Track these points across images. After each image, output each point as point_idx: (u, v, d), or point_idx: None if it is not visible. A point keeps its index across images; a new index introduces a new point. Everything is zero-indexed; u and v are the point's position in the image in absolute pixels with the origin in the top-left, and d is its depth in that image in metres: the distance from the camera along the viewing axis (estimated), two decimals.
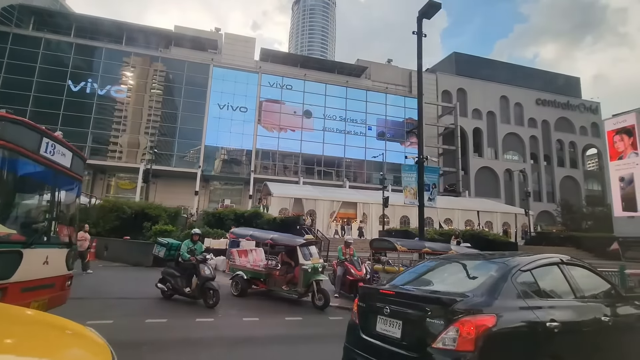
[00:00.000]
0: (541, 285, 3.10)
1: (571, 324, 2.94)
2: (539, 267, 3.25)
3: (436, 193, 11.06)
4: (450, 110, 48.14)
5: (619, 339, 3.29)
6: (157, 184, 37.60)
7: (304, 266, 6.27)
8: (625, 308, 3.54)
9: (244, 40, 43.51)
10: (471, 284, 3.04)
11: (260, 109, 37.77)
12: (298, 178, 36.49)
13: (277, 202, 21.14)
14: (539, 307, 2.83)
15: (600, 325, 3.09)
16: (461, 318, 2.50)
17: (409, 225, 23.80)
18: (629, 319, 3.49)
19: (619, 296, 3.60)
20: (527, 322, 2.68)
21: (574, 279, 3.33)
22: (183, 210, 18.13)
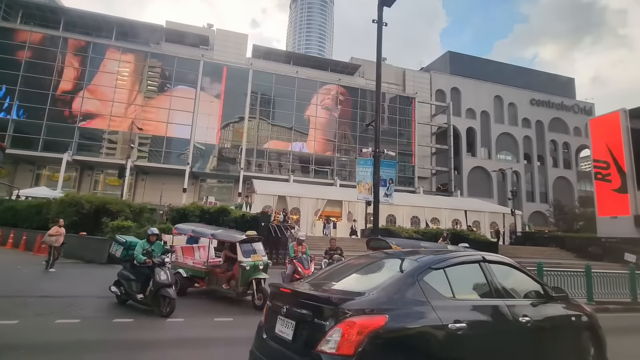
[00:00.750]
0: (453, 284, 2.88)
1: (481, 325, 2.74)
2: (455, 265, 3.05)
3: (393, 189, 10.82)
4: (443, 110, 47.96)
5: (539, 341, 3.08)
6: (146, 180, 37.32)
7: (243, 263, 5.99)
8: (552, 309, 3.33)
9: (236, 37, 43.15)
10: (376, 282, 2.80)
11: (251, 105, 37.43)
12: (288, 176, 36.21)
13: (261, 200, 20.87)
14: (444, 307, 2.61)
15: (517, 327, 2.90)
16: (347, 319, 2.28)
17: (395, 224, 23.58)
18: (553, 320, 3.27)
19: (547, 296, 3.38)
20: (426, 324, 2.46)
21: (496, 278, 3.12)
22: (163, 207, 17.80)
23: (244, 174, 35.22)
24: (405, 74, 49.64)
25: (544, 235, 22.57)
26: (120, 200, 11.92)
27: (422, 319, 2.47)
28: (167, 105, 35.15)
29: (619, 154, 18.16)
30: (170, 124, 35.25)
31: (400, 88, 48.06)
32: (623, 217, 17.65)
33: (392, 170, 11.32)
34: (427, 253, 3.31)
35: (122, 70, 34.24)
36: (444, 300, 2.69)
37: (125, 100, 34.17)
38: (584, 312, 3.72)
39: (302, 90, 39.55)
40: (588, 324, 3.61)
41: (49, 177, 33.30)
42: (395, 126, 42.64)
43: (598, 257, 16.87)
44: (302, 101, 39.46)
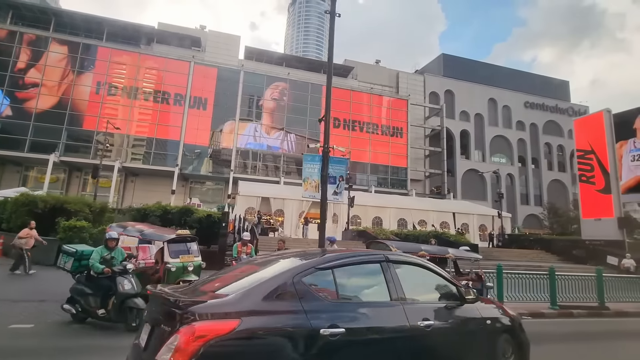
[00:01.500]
0: (341, 286, 2.68)
1: (366, 331, 2.55)
2: (348, 266, 2.83)
3: (343, 187, 10.52)
4: (437, 112, 47.81)
5: (441, 346, 2.87)
6: (136, 182, 37.03)
7: (169, 264, 5.66)
8: (463, 312, 3.16)
9: (228, 38, 43.05)
10: (249, 283, 2.55)
11: (241, 107, 37.21)
12: (279, 178, 35.95)
13: (244, 201, 20.61)
14: (322, 310, 2.42)
15: (414, 332, 2.73)
16: (188, 324, 2.05)
17: (382, 226, 23.32)
18: (463, 324, 3.11)
19: (462, 299, 3.21)
20: (291, 329, 2.25)
21: (398, 280, 2.90)
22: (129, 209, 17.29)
23: (235, 176, 34.92)
24: (398, 77, 49.55)
25: (530, 238, 22.29)
26: (80, 199, 11.57)
27: (286, 324, 2.26)
28: (156, 106, 34.93)
29: (602, 155, 17.93)
30: (160, 125, 35.02)
31: (393, 90, 47.95)
32: (607, 219, 17.39)
33: (342, 168, 10.96)
34: (321, 252, 3.08)
35: (111, 71, 34.02)
36: (324, 303, 2.50)
37: (114, 102, 33.95)
38: (506, 315, 3.55)
39: (293, 92, 39.38)
40: (507, 328, 3.47)
41: (37, 179, 33.00)
42: (388, 128, 42.39)
43: (582, 260, 16.60)
44: (294, 103, 39.28)
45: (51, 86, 32.31)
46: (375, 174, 41.22)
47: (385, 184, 40.96)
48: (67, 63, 32.95)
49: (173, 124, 35.02)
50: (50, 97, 32.21)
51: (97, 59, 33.92)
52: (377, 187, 39.04)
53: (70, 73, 32.90)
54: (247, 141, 36.83)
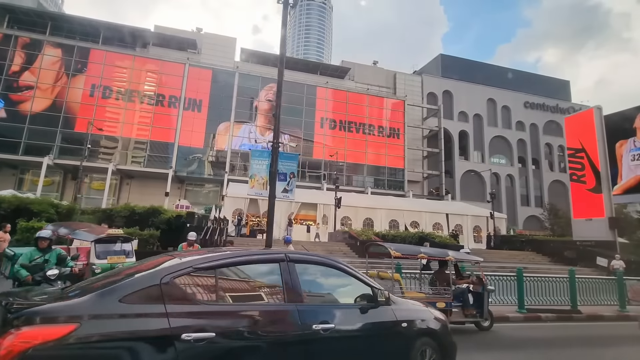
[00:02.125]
0: (223, 287, 2.54)
1: (241, 335, 2.40)
2: (236, 265, 2.68)
3: (294, 184, 10.23)
4: (434, 113, 47.41)
5: (341, 351, 2.74)
6: (131, 184, 37.06)
7: (93, 266, 5.42)
8: (374, 314, 3.03)
9: (224, 40, 43.11)
10: (111, 285, 2.38)
11: (236, 109, 37.15)
12: None
13: (231, 203, 20.42)
14: (190, 313, 2.26)
15: (307, 337, 2.58)
16: (16, 329, 1.88)
17: (373, 227, 23.01)
18: (372, 327, 2.99)
19: (375, 300, 3.08)
20: (143, 333, 2.09)
21: (296, 280, 2.74)
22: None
23: (230, 177, 34.80)
24: (396, 77, 49.26)
25: (521, 239, 21.87)
26: (45, 200, 11.37)
27: (139, 328, 2.10)
28: (151, 109, 34.96)
29: (593, 153, 17.51)
30: (155, 128, 35.02)
31: (390, 91, 47.66)
32: (597, 220, 16.95)
33: (293, 164, 10.61)
34: (215, 251, 2.86)
35: (106, 74, 34.13)
36: (197, 305, 2.34)
37: (108, 104, 34.02)
38: (430, 317, 3.49)
39: (289, 93, 39.21)
40: (428, 331, 3.37)
41: (32, 182, 33.10)
42: (385, 129, 42.08)
43: (573, 261, 16.17)
44: (289, 104, 39.10)
45: (45, 89, 32.47)
46: (371, 176, 40.91)
47: (382, 186, 40.62)
48: (62, 66, 33.10)
49: (168, 126, 35.02)
50: (45, 99, 32.36)
51: (92, 61, 34.05)
52: (373, 189, 38.71)
53: (64, 76, 33.04)
54: (242, 142, 36.71)
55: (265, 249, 3.66)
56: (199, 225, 11.87)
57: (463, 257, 7.34)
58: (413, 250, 7.20)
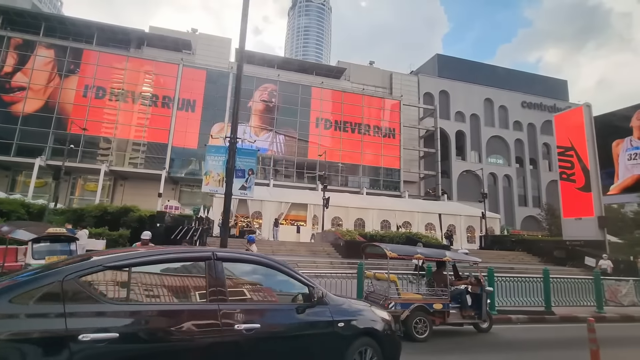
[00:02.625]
0: (137, 286, 2.50)
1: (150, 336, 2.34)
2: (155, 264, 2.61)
3: (253, 181, 10.00)
4: (431, 113, 47.18)
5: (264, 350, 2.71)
6: (125, 185, 36.94)
7: (30, 266, 5.20)
8: (308, 313, 2.98)
9: (219, 41, 43.04)
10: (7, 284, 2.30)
11: (230, 109, 36.96)
12: (269, 180, 35.57)
13: (221, 203, 20.18)
14: (92, 314, 2.21)
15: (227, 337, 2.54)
16: None
17: (364, 228, 22.79)
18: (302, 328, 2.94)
19: (310, 300, 3.07)
20: (33, 334, 2.03)
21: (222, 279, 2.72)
22: None
23: None
24: (392, 77, 49.08)
25: (512, 239, 21.60)
26: (15, 200, 11.22)
27: (29, 329, 2.05)
28: (144, 109, 34.86)
29: (582, 151, 17.26)
30: (149, 128, 34.91)
31: (387, 91, 47.47)
32: (587, 219, 16.67)
33: (251, 160, 10.35)
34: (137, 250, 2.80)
35: (99, 75, 34.06)
36: (103, 305, 2.28)
37: (102, 105, 33.93)
38: (372, 316, 3.48)
39: (283, 94, 39.11)
40: (368, 331, 3.35)
41: (25, 183, 33.00)
42: (381, 129, 41.86)
43: (562, 261, 15.90)
44: (284, 105, 38.99)
45: (38, 90, 32.42)
46: (367, 176, 40.68)
47: (378, 186, 40.41)
48: (54, 67, 33.05)
49: (162, 127, 34.89)
50: (37, 100, 32.29)
51: (85, 62, 33.99)
52: (369, 189, 38.50)
53: (57, 77, 32.98)
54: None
55: (190, 248, 3.61)
56: (175, 225, 11.66)
57: (461, 258, 7.24)
58: (409, 251, 7.09)
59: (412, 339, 5.72)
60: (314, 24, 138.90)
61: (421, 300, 6.22)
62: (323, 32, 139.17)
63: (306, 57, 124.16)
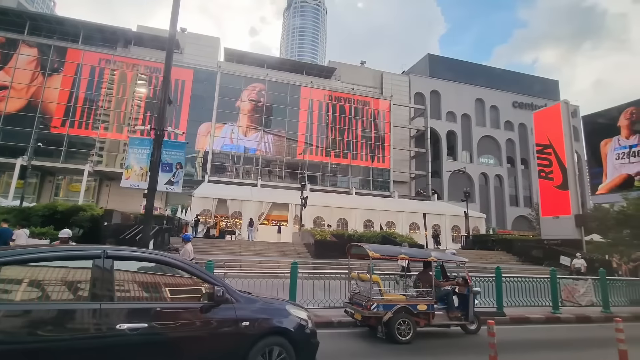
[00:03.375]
0: (5, 286, 2.45)
1: (11, 335, 2.30)
2: (36, 261, 2.56)
3: (181, 175, 9.68)
4: (421, 113, 47.03)
5: (149, 351, 2.67)
6: (112, 186, 36.50)
7: None
8: (208, 313, 2.99)
9: (208, 40, 42.76)
10: None
11: (217, 109, 36.69)
12: (256, 181, 35.25)
13: (199, 203, 19.91)
14: None
15: (108, 338, 2.51)
16: None
17: (347, 228, 22.51)
18: (199, 327, 2.94)
19: (210, 299, 3.05)
20: None
21: (110, 278, 2.66)
22: None
23: (211, 178, 34.30)
24: (383, 77, 48.96)
25: (492, 238, 21.41)
26: None
27: None
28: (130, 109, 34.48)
29: (560, 149, 17.09)
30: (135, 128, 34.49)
31: (377, 91, 47.31)
32: (565, 217, 16.49)
33: (180, 153, 9.97)
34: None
35: (84, 74, 33.68)
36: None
37: (87, 104, 33.53)
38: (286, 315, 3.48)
39: (273, 93, 38.84)
40: (278, 330, 3.34)
41: (8, 184, 32.54)
42: (366, 129, 41.63)
43: (539, 260, 15.70)
44: (273, 104, 38.73)
45: (20, 89, 32.00)
46: (357, 176, 40.44)
47: (367, 186, 40.19)
48: (38, 65, 32.65)
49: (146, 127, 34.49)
50: (20, 100, 31.87)
51: (69, 61, 33.60)
52: (358, 190, 38.27)
53: (40, 75, 32.59)
54: (224, 143, 36.22)
55: (76, 247, 3.57)
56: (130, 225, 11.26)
57: (447, 258, 7.10)
58: (393, 251, 6.91)
59: (395, 341, 5.62)
60: (309, 25, 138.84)
61: (405, 301, 6.10)
62: (318, 32, 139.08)
63: (301, 57, 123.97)
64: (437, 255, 6.75)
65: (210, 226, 20.00)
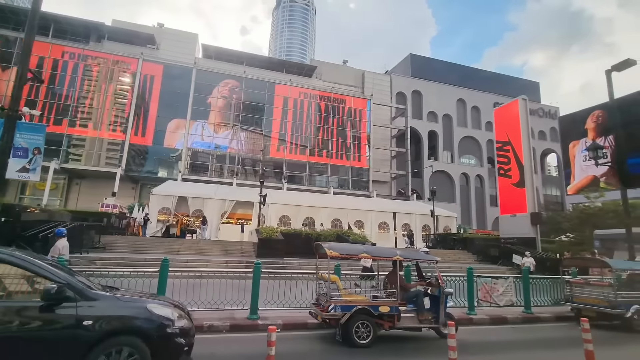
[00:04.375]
0: None
1: None
2: None
3: (40, 162, 9.12)
4: (402, 112, 46.96)
5: None
6: (82, 185, 35.49)
7: None
8: (44, 314, 2.97)
9: (185, 36, 42.02)
10: None
11: (193, 105, 35.96)
12: (232, 180, 34.62)
13: (158, 201, 19.25)
14: None
15: None
16: None
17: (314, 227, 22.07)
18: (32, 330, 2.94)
19: (54, 298, 3.02)
20: None
21: None
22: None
23: (185, 177, 33.57)
24: (364, 76, 48.71)
25: (454, 237, 21.25)
26: None
27: None
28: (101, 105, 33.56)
29: (518, 146, 16.94)
30: (104, 125, 33.61)
31: (359, 90, 47.04)
32: (521, 215, 16.33)
33: (38, 137, 9.27)
34: None
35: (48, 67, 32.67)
36: None
37: (56, 99, 32.54)
38: (140, 315, 3.36)
39: (248, 91, 38.25)
40: (131, 329, 3.26)
41: None
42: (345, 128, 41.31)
43: (496, 259, 15.51)
44: (249, 102, 38.12)
45: None
46: (336, 175, 40.08)
47: (346, 186, 39.86)
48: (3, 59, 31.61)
49: (119, 123, 33.65)
50: None
51: (35, 54, 32.49)
52: (336, 189, 37.91)
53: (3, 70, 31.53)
54: (194, 140, 35.49)
55: None
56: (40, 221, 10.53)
57: (414, 257, 6.70)
58: (353, 250, 6.50)
59: (353, 344, 5.34)
60: (298, 24, 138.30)
61: (365, 302, 5.75)
62: (307, 32, 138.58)
63: (290, 57, 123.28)
64: (403, 254, 6.33)
65: (169, 225, 19.37)
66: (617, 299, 7.16)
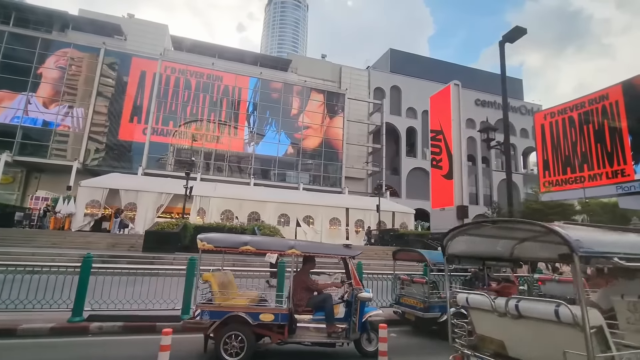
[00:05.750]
0: None
1: None
2: None
3: None
4: (379, 108, 46.00)
5: None
6: (41, 178, 34.43)
7: None
8: None
9: (154, 27, 40.96)
10: None
11: (158, 98, 34.93)
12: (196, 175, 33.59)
13: (87, 193, 18.25)
14: None
15: None
16: None
17: (260, 221, 21.09)
18: None
19: None
20: None
21: None
22: None
23: (148, 171, 32.54)
24: (341, 71, 47.72)
25: (391, 233, 20.36)
26: None
27: None
28: (58, 96, 32.53)
29: (449, 135, 16.01)
30: (64, 117, 32.57)
31: (335, 85, 46.06)
32: (450, 209, 15.42)
33: None
34: None
35: (6, 57, 31.63)
36: None
37: (10, 89, 31.48)
38: None
39: (215, 83, 37.25)
40: None
41: None
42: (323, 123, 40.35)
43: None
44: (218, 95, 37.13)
45: None
46: (307, 171, 39.13)
47: (317, 182, 38.94)
48: None
49: (76, 115, 32.63)
50: None
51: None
52: (307, 185, 36.97)
53: None
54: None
55: None
56: None
57: (319, 251, 5.39)
58: (231, 242, 5.11)
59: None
60: (290, 21, 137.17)
61: (240, 307, 4.53)
62: (299, 29, 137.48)
63: (281, 53, 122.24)
64: (300, 246, 4.94)
65: (98, 218, 18.41)
66: (429, 300, 6.09)
